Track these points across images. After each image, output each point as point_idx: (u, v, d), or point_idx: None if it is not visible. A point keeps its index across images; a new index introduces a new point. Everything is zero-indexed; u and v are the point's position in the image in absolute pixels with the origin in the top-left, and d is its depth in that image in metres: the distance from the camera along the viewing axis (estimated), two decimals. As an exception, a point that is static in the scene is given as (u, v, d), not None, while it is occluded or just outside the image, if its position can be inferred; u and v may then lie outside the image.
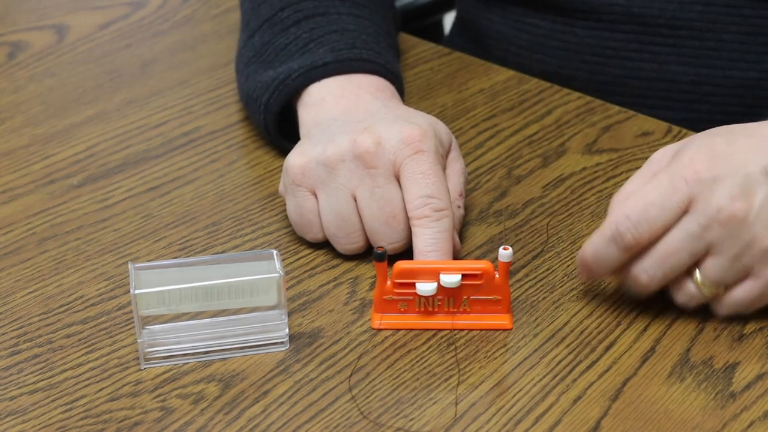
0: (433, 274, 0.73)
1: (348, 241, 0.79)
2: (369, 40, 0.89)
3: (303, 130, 0.84)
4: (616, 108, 0.99)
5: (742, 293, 0.72)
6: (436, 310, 0.74)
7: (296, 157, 0.79)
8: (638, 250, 0.71)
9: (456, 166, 0.81)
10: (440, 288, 0.73)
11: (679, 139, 0.93)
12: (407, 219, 0.77)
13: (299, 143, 0.81)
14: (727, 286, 0.72)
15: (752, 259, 0.70)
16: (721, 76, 1.02)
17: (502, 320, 0.74)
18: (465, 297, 0.74)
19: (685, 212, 0.70)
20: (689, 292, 0.73)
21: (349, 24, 0.90)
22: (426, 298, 0.74)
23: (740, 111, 1.03)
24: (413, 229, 0.76)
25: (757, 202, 0.70)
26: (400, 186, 0.77)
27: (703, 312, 0.75)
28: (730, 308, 0.73)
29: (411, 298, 0.74)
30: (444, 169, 0.79)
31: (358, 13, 0.92)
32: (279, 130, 0.89)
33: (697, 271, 0.71)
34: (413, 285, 0.73)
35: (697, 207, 0.70)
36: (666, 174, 0.71)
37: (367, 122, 0.79)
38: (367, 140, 0.76)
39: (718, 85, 1.02)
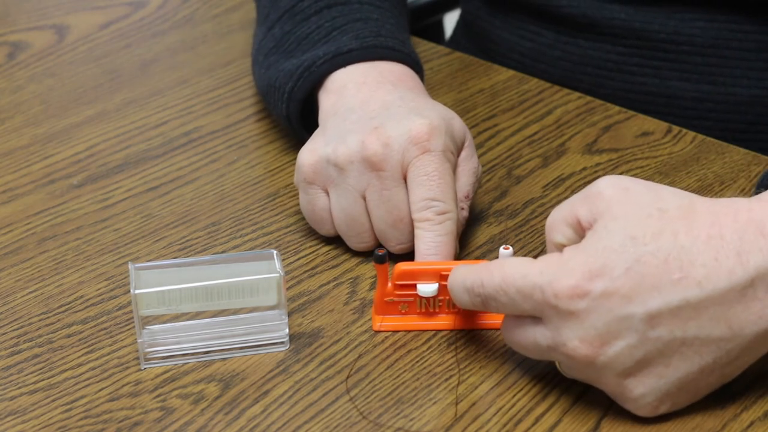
0: (434, 275, 0.73)
1: (359, 240, 0.79)
2: (392, 30, 0.89)
3: (321, 116, 0.84)
4: (616, 108, 0.99)
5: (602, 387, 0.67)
6: (437, 311, 0.74)
7: (308, 155, 0.79)
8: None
9: (467, 165, 0.80)
10: (441, 289, 0.73)
11: (679, 140, 0.94)
12: None
13: (313, 136, 0.81)
14: None
15: (602, 386, 0.66)
16: (724, 92, 1.01)
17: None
18: (465, 297, 0.74)
19: (538, 318, 0.64)
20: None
21: (372, 13, 0.90)
22: (427, 299, 0.73)
23: (742, 128, 1.02)
24: (415, 231, 0.76)
25: (614, 349, 0.62)
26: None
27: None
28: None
29: (412, 299, 0.74)
30: (455, 167, 0.79)
31: (380, 4, 0.92)
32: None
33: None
34: (414, 286, 0.73)
35: (548, 327, 0.64)
36: (537, 274, 0.63)
37: (378, 119, 0.78)
38: (375, 142, 0.76)
39: (720, 102, 1.02)
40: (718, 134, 0.99)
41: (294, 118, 0.88)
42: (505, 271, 0.64)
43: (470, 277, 0.67)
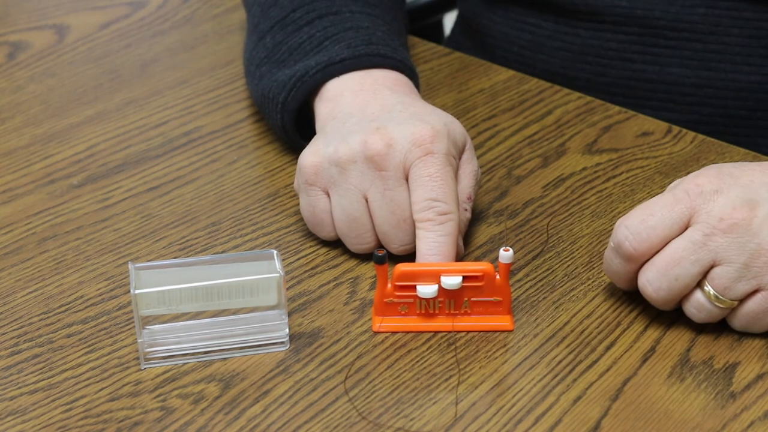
0: (434, 277, 0.73)
1: (359, 241, 0.79)
2: (384, 37, 0.89)
3: (318, 124, 0.84)
4: (616, 108, 0.99)
5: (754, 305, 0.71)
6: (437, 312, 0.74)
7: (309, 157, 0.79)
8: (642, 262, 0.72)
9: (468, 167, 0.80)
10: (441, 290, 0.73)
11: (679, 140, 0.94)
12: None
13: (313, 140, 0.81)
14: (741, 301, 0.71)
15: (761, 269, 0.70)
16: (723, 79, 1.02)
17: (503, 321, 0.74)
18: (466, 299, 0.73)
19: (687, 226, 0.71)
20: (700, 304, 0.71)
21: (363, 22, 0.90)
22: (427, 300, 0.73)
23: (742, 114, 1.03)
24: (417, 232, 0.76)
25: (761, 212, 0.70)
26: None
27: (703, 312, 0.75)
28: (743, 321, 0.72)
29: (412, 300, 0.74)
30: (456, 170, 0.79)
31: (371, 11, 0.92)
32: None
33: (708, 282, 0.71)
34: (414, 287, 0.73)
35: (700, 217, 0.70)
36: (670, 190, 0.73)
37: (379, 121, 0.78)
38: (378, 142, 0.76)
39: (720, 88, 1.02)
40: (718, 120, 0.99)
41: (289, 127, 0.88)
42: (641, 208, 0.71)
43: (611, 237, 0.72)
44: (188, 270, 0.72)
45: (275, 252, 0.72)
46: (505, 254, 0.72)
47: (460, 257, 0.78)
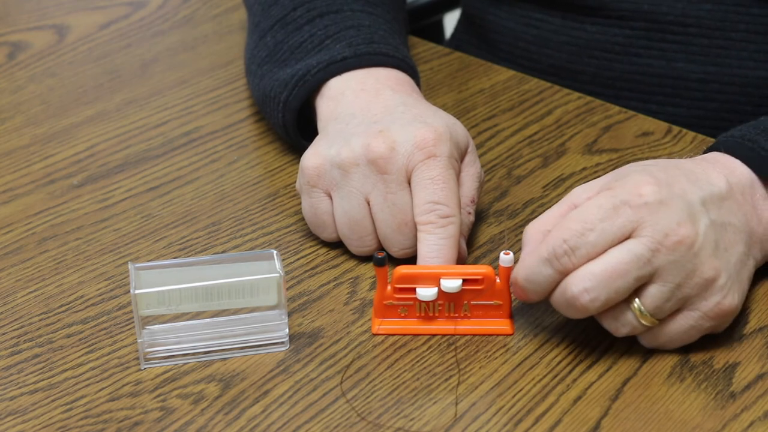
0: (434, 279, 0.72)
1: (360, 243, 0.79)
2: (385, 36, 0.89)
3: (320, 124, 0.84)
4: (616, 108, 0.99)
5: (675, 326, 0.70)
6: (436, 315, 0.74)
7: (311, 158, 0.79)
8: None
9: (471, 170, 0.80)
10: (441, 293, 0.73)
11: (679, 140, 0.94)
12: None
13: (315, 141, 0.81)
14: (662, 319, 0.70)
15: (691, 290, 0.69)
16: (729, 74, 1.02)
17: (503, 325, 0.74)
18: (466, 302, 0.73)
19: (627, 237, 0.68)
20: (626, 320, 0.69)
21: (364, 20, 0.90)
22: (427, 303, 0.73)
23: (748, 110, 1.03)
24: (418, 234, 0.76)
25: (701, 229, 0.69)
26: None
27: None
28: (659, 341, 0.71)
29: (411, 303, 0.73)
30: (458, 173, 0.79)
31: (372, 10, 0.92)
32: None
33: (637, 299, 0.69)
34: (414, 290, 0.73)
35: (645, 231, 0.67)
36: (607, 198, 0.69)
37: (382, 123, 0.78)
38: (381, 145, 0.76)
39: (726, 83, 1.02)
40: (724, 116, 0.99)
41: (290, 127, 0.88)
42: (579, 219, 0.68)
43: (543, 248, 0.68)
44: (188, 270, 0.72)
45: (275, 252, 0.72)
46: (506, 258, 0.72)
47: (463, 260, 0.78)
